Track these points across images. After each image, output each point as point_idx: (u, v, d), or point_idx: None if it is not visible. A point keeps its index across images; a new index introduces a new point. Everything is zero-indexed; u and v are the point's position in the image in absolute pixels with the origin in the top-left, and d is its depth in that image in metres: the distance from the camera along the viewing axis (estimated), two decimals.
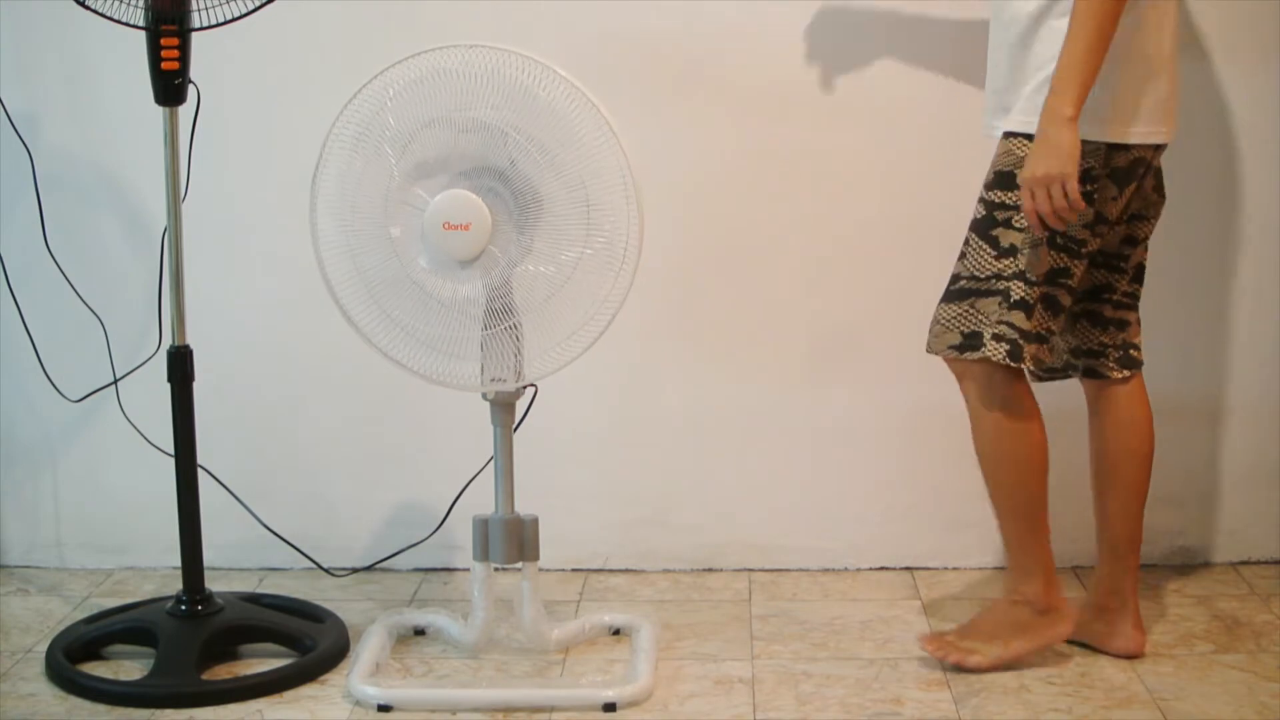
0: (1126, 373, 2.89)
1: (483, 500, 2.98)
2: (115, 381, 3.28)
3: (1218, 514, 3.39)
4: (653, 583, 3.36)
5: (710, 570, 3.41)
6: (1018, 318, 2.70)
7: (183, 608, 2.97)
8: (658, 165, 3.19)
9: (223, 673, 2.90)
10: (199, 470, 2.97)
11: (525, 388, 2.84)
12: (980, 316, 2.72)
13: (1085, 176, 2.64)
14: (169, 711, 2.78)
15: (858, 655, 2.96)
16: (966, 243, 2.75)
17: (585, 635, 3.03)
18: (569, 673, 2.91)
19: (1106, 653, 2.92)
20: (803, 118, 3.25)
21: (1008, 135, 2.71)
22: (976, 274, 2.73)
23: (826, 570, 3.39)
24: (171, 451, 2.95)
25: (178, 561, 2.99)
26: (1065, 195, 2.57)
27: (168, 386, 2.92)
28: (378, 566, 3.41)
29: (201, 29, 2.80)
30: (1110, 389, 2.91)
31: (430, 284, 2.72)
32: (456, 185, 2.67)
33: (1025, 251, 2.69)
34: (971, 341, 2.73)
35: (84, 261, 3.31)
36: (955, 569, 3.40)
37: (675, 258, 3.26)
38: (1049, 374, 2.95)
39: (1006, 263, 2.70)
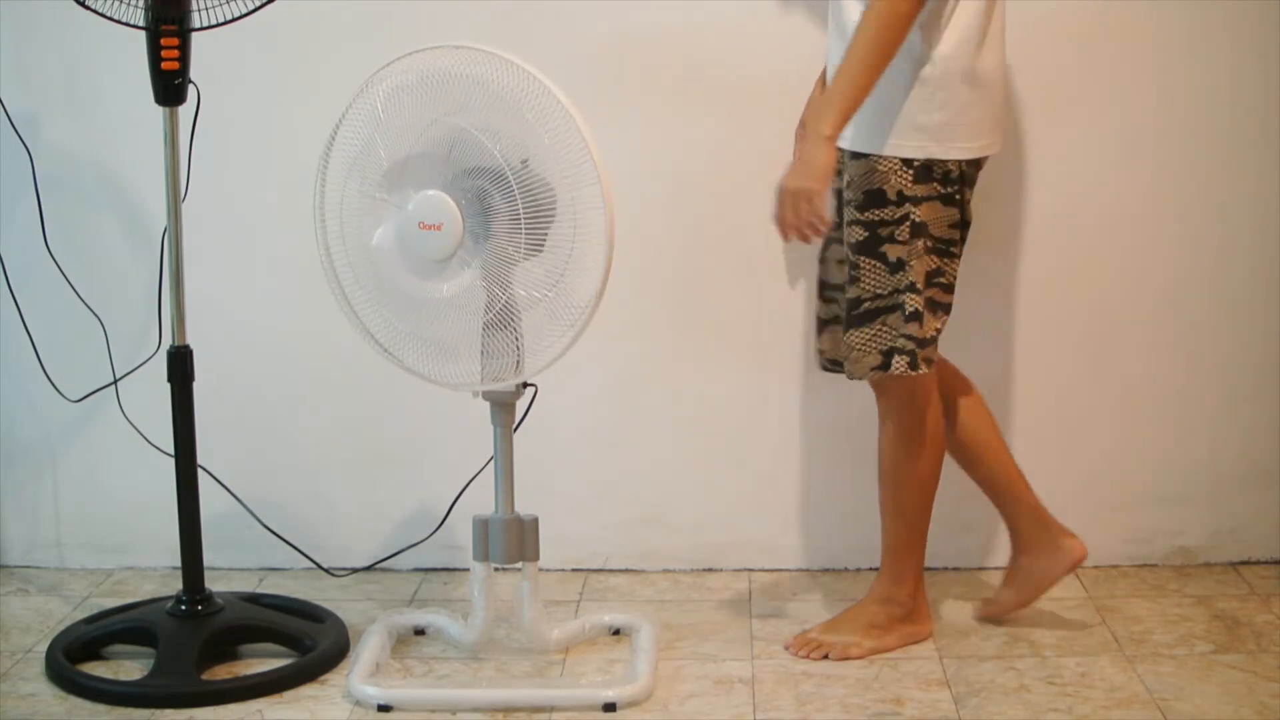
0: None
1: (483, 500, 2.98)
2: (115, 381, 3.28)
3: (1218, 514, 3.39)
4: (653, 583, 3.36)
5: (710, 570, 3.41)
6: (913, 328, 2.80)
7: (183, 608, 2.97)
8: (657, 165, 3.20)
9: (223, 673, 2.90)
10: (199, 470, 2.97)
11: (524, 387, 2.85)
12: (892, 332, 2.80)
13: (960, 180, 2.79)
14: (169, 711, 2.78)
15: (848, 658, 2.96)
16: (857, 266, 2.81)
17: (585, 635, 3.03)
18: (569, 673, 2.91)
19: (1059, 574, 3.05)
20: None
21: (856, 155, 2.78)
22: (878, 293, 2.80)
23: (826, 570, 3.39)
24: (171, 451, 2.95)
25: (178, 561, 2.99)
26: (813, 211, 2.67)
27: (168, 386, 2.92)
28: (378, 566, 3.41)
29: (201, 29, 2.80)
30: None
31: (411, 283, 2.73)
32: (432, 186, 2.67)
33: (911, 263, 2.78)
34: (887, 360, 2.82)
35: (84, 261, 3.31)
36: (955, 569, 3.40)
37: (675, 257, 3.26)
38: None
39: (899, 277, 2.79)
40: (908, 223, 2.78)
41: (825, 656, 2.93)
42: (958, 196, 2.81)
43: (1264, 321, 3.32)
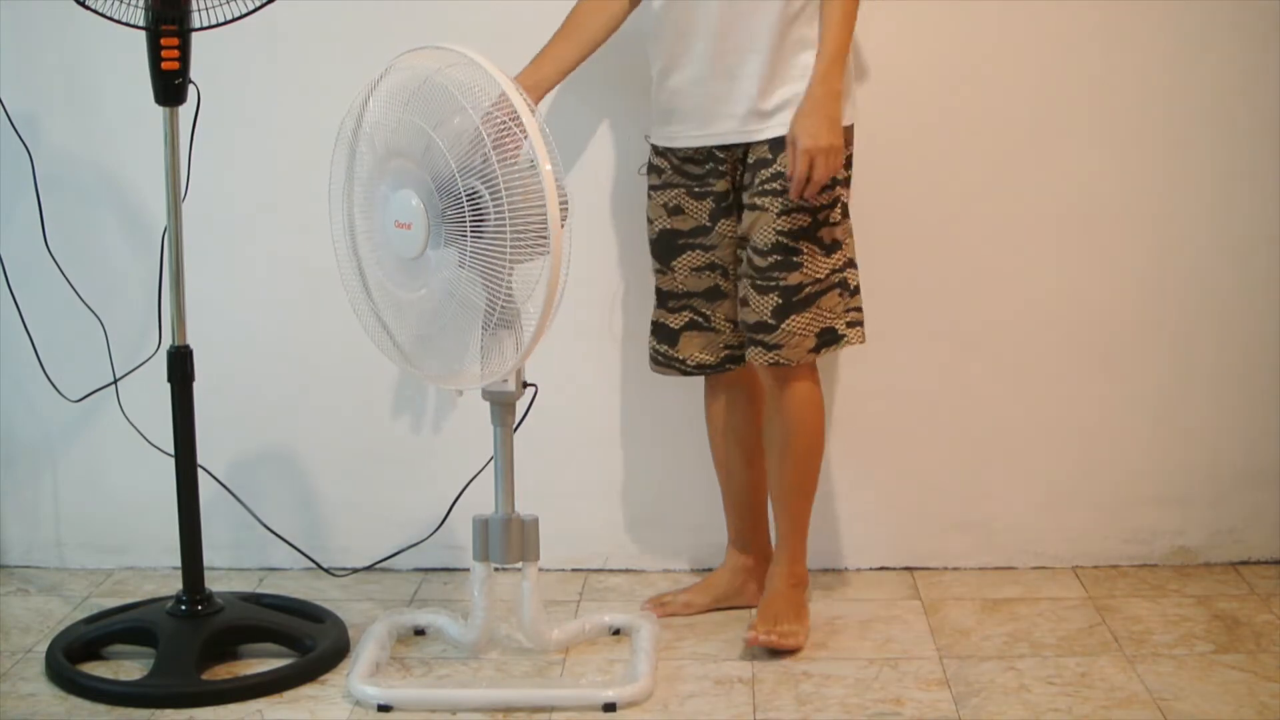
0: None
1: (483, 500, 2.98)
2: (115, 381, 3.28)
3: (1218, 514, 3.39)
4: (653, 583, 3.36)
5: (710, 570, 3.41)
6: (858, 300, 2.99)
7: (183, 608, 2.97)
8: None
9: (223, 673, 2.90)
10: (199, 470, 2.97)
11: (525, 387, 2.85)
12: (825, 313, 2.91)
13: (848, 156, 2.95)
14: (169, 711, 2.78)
15: (858, 655, 2.96)
16: (796, 253, 2.88)
17: (585, 635, 3.03)
18: (569, 673, 2.91)
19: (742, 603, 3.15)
20: None
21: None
22: (817, 277, 2.90)
23: (827, 570, 3.39)
24: (171, 451, 2.95)
25: (178, 561, 2.99)
26: (836, 167, 2.84)
27: (168, 386, 2.92)
28: (378, 566, 3.41)
29: (201, 29, 2.80)
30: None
31: (395, 282, 2.73)
32: (407, 186, 2.67)
33: (845, 240, 2.93)
34: (826, 338, 2.93)
35: (84, 261, 3.31)
36: (955, 569, 3.40)
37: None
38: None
39: (836, 257, 2.93)
40: (839, 205, 2.91)
41: (792, 647, 2.96)
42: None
43: (1264, 322, 3.32)
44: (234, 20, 2.81)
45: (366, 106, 2.70)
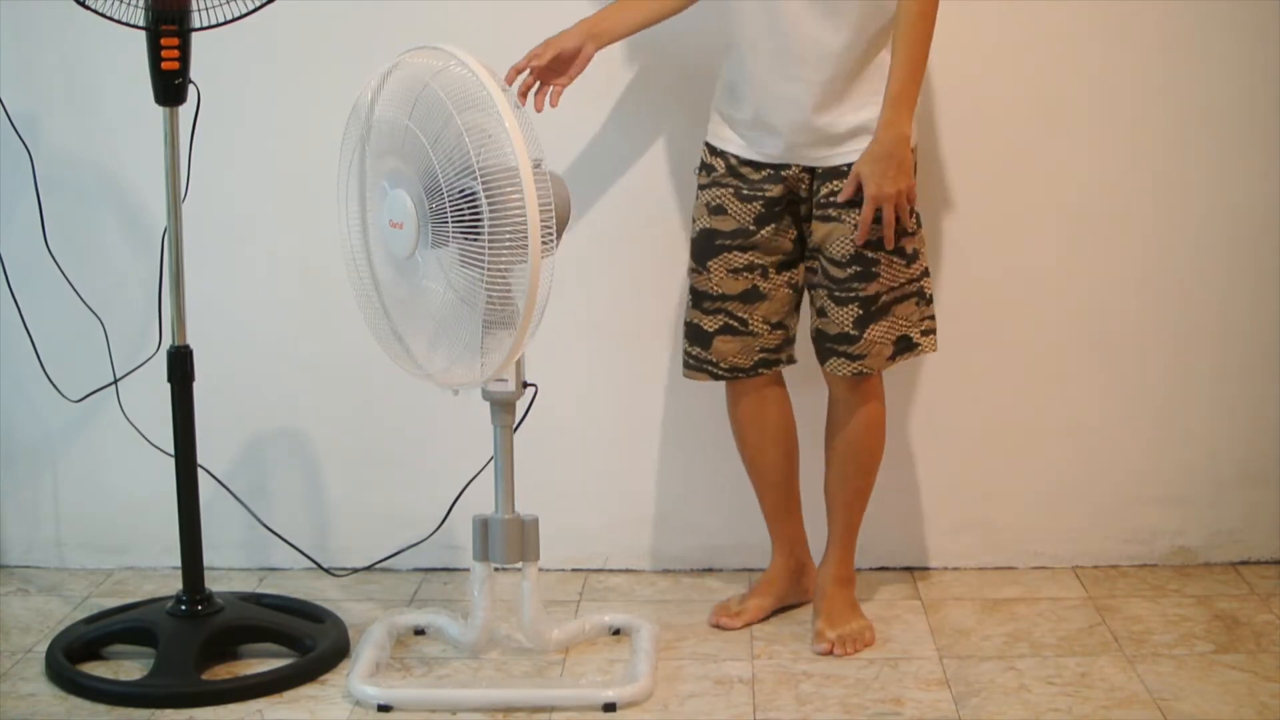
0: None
1: (483, 500, 2.98)
2: (115, 381, 3.28)
3: (1218, 514, 3.39)
4: (653, 583, 3.36)
5: (710, 570, 3.41)
6: (932, 309, 2.98)
7: (183, 608, 2.97)
8: (655, 166, 3.21)
9: (223, 673, 2.90)
10: (199, 470, 2.97)
11: (525, 386, 2.85)
12: (901, 321, 2.91)
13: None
14: (169, 711, 2.78)
15: (858, 655, 2.96)
16: (874, 264, 2.86)
17: (585, 635, 3.03)
18: (569, 673, 2.91)
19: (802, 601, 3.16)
20: None
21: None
22: (893, 285, 2.89)
23: None
24: (171, 451, 2.95)
25: (178, 561, 2.99)
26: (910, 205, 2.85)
27: (168, 386, 2.92)
28: (378, 566, 3.41)
29: (201, 29, 2.80)
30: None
31: (392, 280, 2.73)
32: (401, 186, 2.66)
33: (921, 250, 2.93)
34: (902, 346, 2.93)
35: (84, 261, 3.31)
36: (955, 569, 3.40)
37: (674, 257, 3.26)
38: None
39: (915, 267, 2.92)
40: (914, 215, 2.89)
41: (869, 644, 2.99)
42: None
43: (1264, 322, 3.32)
44: (234, 20, 2.81)
45: (376, 101, 2.69)
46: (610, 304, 3.34)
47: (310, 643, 2.96)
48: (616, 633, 3.06)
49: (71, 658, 2.93)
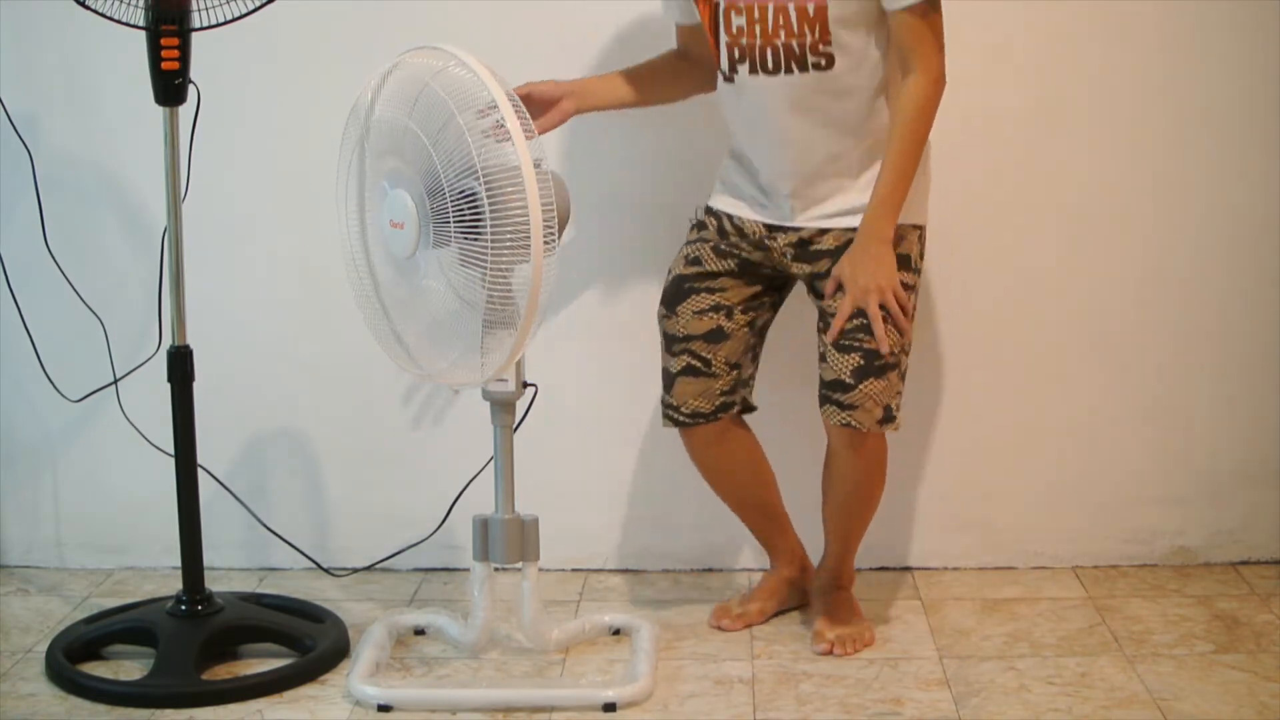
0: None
1: (483, 500, 2.98)
2: (115, 381, 3.28)
3: (1218, 514, 3.39)
4: (653, 583, 3.36)
5: (710, 570, 3.41)
6: (902, 385, 2.90)
7: (183, 608, 2.97)
8: (655, 166, 3.20)
9: (223, 673, 2.90)
10: (199, 470, 2.97)
11: (525, 386, 2.85)
12: (893, 390, 2.86)
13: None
14: (169, 711, 2.78)
15: (858, 655, 2.96)
16: (884, 321, 2.82)
17: (585, 635, 3.03)
18: (569, 673, 2.91)
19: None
20: None
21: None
22: (894, 350, 2.83)
23: None
24: (171, 451, 2.95)
25: (178, 561, 2.99)
26: (898, 297, 2.82)
27: (168, 386, 2.92)
28: (378, 566, 3.41)
29: (201, 29, 2.80)
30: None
31: (392, 280, 2.74)
32: (401, 186, 2.66)
33: (909, 327, 2.87)
34: (887, 416, 2.87)
35: (84, 261, 3.31)
36: (955, 569, 3.40)
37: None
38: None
39: (904, 340, 2.86)
40: (914, 291, 2.88)
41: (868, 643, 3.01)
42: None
43: (1264, 322, 3.32)
44: (234, 20, 2.81)
45: (375, 101, 2.69)
46: (610, 304, 3.34)
47: (310, 643, 2.96)
48: (616, 633, 3.06)
49: (71, 658, 2.93)
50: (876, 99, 2.86)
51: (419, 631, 3.07)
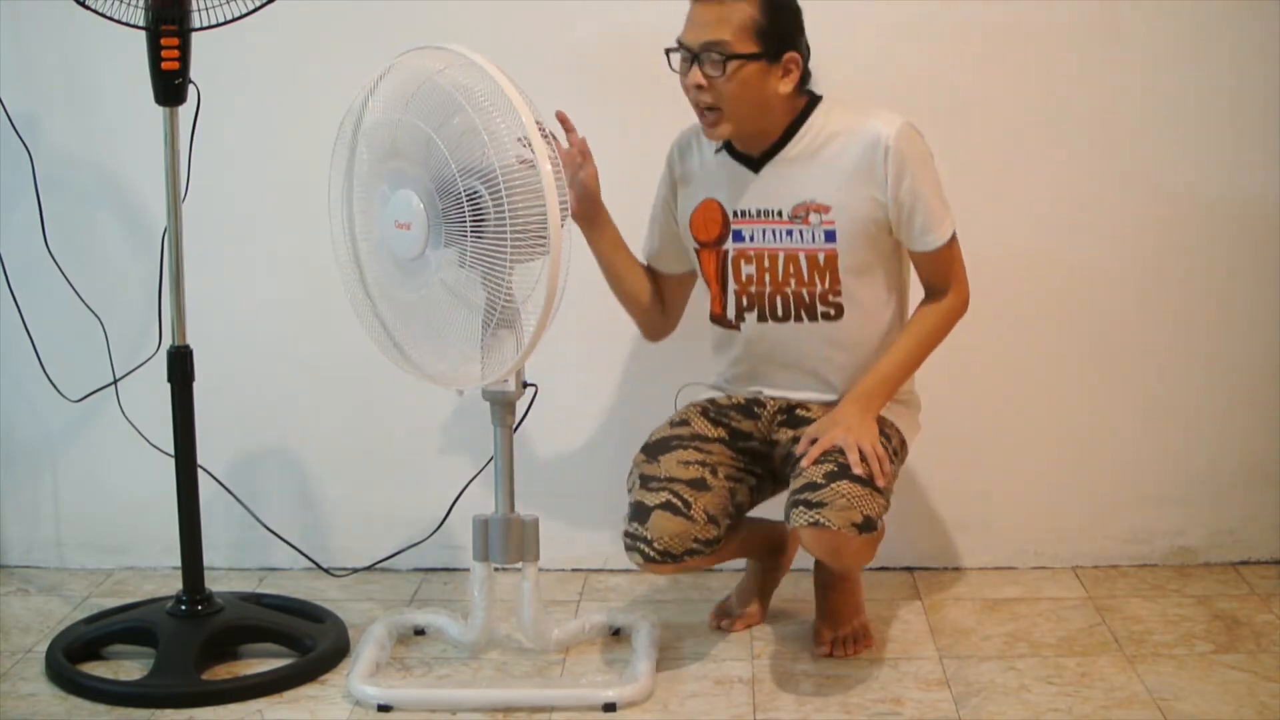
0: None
1: (483, 500, 2.98)
2: (115, 381, 3.28)
3: (1218, 514, 3.39)
4: (653, 583, 3.36)
5: (710, 570, 3.41)
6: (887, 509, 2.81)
7: (183, 608, 2.97)
8: (656, 165, 3.19)
9: (223, 673, 2.90)
10: (199, 470, 2.97)
11: (525, 386, 2.85)
12: (875, 503, 2.71)
13: None
14: (169, 711, 2.77)
15: (858, 655, 2.96)
16: (887, 448, 2.79)
17: (585, 635, 3.03)
18: (569, 673, 2.91)
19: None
20: None
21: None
22: (871, 475, 2.73)
23: None
24: (171, 451, 2.95)
25: (178, 561, 2.99)
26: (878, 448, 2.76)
27: (168, 386, 2.92)
28: (378, 566, 3.41)
29: (201, 29, 2.80)
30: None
31: (394, 282, 2.73)
32: (407, 186, 2.66)
33: (887, 484, 2.78)
34: (868, 523, 2.70)
35: (84, 261, 3.31)
36: (955, 569, 3.40)
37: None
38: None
39: (886, 490, 2.77)
40: (896, 464, 2.86)
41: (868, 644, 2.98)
42: None
43: (1264, 323, 3.32)
44: (234, 20, 2.81)
45: (366, 106, 2.70)
46: (610, 304, 3.33)
47: (310, 643, 2.96)
48: (616, 633, 3.06)
49: (71, 658, 2.93)
50: (876, 351, 2.89)
51: (419, 631, 3.07)
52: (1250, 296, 3.32)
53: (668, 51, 2.82)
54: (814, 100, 2.86)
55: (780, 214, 2.84)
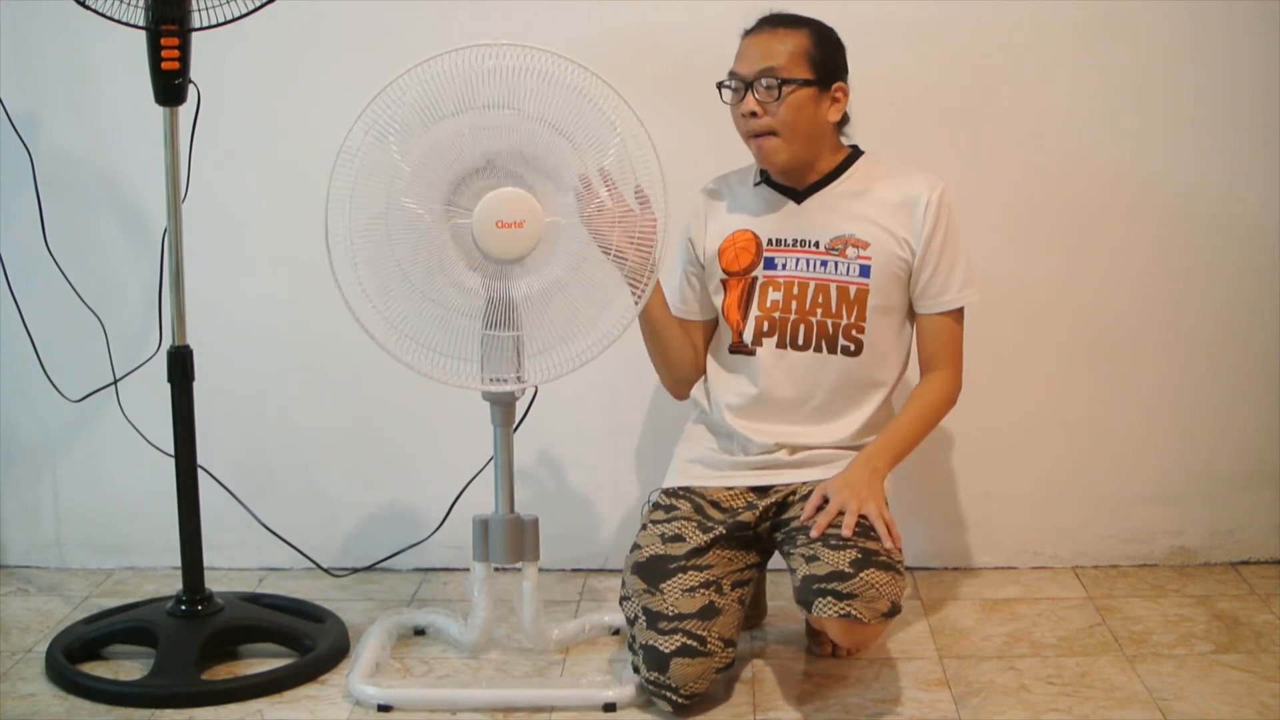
0: None
1: (483, 500, 2.98)
2: (115, 381, 3.28)
3: (1218, 514, 3.39)
4: None
5: None
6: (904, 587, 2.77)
7: (183, 608, 2.97)
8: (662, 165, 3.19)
9: (223, 673, 2.90)
10: (199, 470, 2.97)
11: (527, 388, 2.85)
12: (897, 587, 2.68)
13: None
14: (169, 711, 2.78)
15: (858, 655, 2.96)
16: (872, 529, 2.72)
17: (585, 635, 3.03)
18: (569, 673, 2.91)
19: None
20: None
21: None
22: (889, 549, 2.70)
23: None
24: (171, 451, 2.95)
25: (178, 561, 2.99)
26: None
27: (168, 386, 2.92)
28: (378, 566, 3.41)
29: (201, 29, 2.80)
30: None
31: (447, 288, 2.72)
32: (513, 183, 2.67)
33: (897, 549, 2.75)
34: (894, 608, 2.68)
35: (84, 261, 3.31)
36: (955, 569, 3.40)
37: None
38: None
39: (899, 560, 2.73)
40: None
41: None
42: None
43: (1263, 323, 3.32)
44: (234, 20, 2.81)
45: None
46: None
47: (310, 643, 2.96)
48: (616, 633, 3.06)
49: (71, 658, 2.93)
50: (886, 406, 2.90)
51: (419, 631, 3.07)
52: (1250, 297, 3.32)
53: (719, 85, 2.87)
54: (857, 151, 2.93)
55: (818, 244, 2.87)
